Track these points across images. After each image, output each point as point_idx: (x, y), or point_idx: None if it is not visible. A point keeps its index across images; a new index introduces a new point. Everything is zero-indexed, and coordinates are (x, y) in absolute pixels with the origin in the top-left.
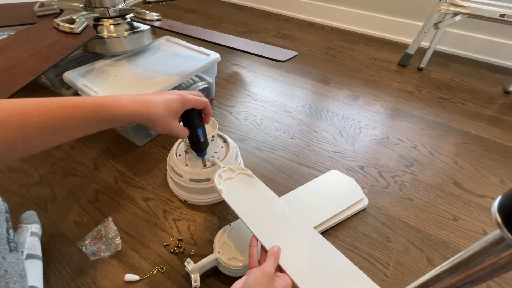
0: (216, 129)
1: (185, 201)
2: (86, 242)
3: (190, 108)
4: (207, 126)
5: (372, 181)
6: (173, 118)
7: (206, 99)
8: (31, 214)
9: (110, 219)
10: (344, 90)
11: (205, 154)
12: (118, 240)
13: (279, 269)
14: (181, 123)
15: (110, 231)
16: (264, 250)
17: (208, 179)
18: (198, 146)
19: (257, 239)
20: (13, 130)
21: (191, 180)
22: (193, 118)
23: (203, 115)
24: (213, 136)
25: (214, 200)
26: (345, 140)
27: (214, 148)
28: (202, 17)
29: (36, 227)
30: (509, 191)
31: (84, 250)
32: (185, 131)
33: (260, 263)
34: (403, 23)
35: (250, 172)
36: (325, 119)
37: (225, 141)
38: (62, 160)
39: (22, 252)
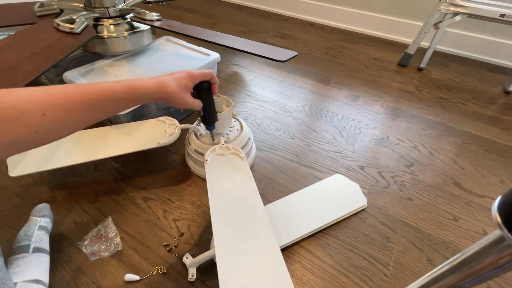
0: (231, 106)
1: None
2: (86, 242)
3: (199, 82)
4: (223, 106)
5: (372, 181)
6: (186, 93)
7: (210, 70)
8: (43, 207)
9: (110, 219)
10: (344, 90)
11: (213, 128)
12: (118, 240)
13: None
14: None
15: (110, 231)
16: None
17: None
18: (209, 116)
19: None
20: (63, 112)
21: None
22: (202, 90)
23: (211, 87)
24: (220, 97)
25: None
26: (345, 140)
27: (230, 124)
28: (202, 17)
29: (45, 221)
30: (509, 191)
31: (84, 250)
32: (199, 103)
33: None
34: (403, 23)
35: (243, 155)
36: (325, 119)
37: (240, 123)
38: None
39: (29, 245)
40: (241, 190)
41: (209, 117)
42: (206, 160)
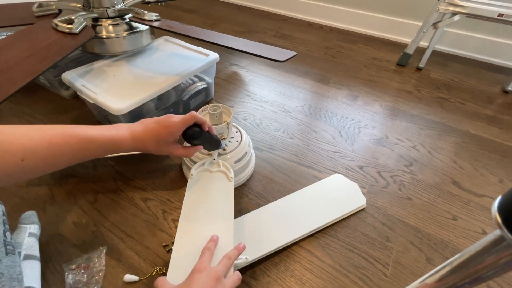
0: (231, 116)
1: None
2: (73, 266)
3: (186, 130)
4: (223, 115)
5: (371, 181)
6: (168, 145)
7: (191, 113)
8: (30, 214)
9: (104, 250)
10: (343, 90)
11: (221, 146)
12: (101, 275)
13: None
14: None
15: (97, 265)
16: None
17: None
18: (212, 147)
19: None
20: (42, 159)
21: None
22: (193, 140)
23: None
24: (227, 123)
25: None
26: (344, 140)
27: (231, 134)
28: (201, 17)
29: (35, 228)
30: (509, 191)
31: (65, 276)
32: (187, 152)
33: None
34: (402, 23)
35: (231, 175)
36: (324, 119)
37: (238, 130)
38: None
39: (19, 253)
40: (216, 215)
41: (213, 148)
42: (191, 175)
